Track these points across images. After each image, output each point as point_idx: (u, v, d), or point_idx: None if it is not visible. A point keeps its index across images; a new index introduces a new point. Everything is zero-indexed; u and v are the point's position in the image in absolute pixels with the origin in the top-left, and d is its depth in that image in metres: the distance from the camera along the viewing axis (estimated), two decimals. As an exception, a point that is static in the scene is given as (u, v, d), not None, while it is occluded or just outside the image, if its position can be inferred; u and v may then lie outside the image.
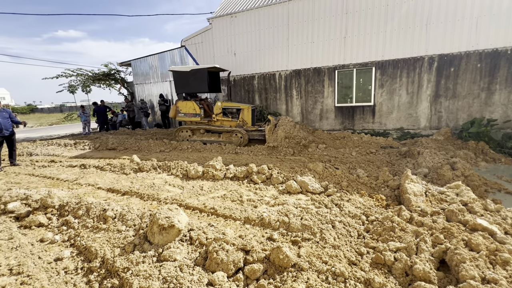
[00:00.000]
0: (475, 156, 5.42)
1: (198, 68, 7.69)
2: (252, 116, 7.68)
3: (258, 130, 7.52)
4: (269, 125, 6.80)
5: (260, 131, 7.46)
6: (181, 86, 8.11)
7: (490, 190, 3.78)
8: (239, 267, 2.13)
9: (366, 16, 7.81)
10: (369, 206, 3.25)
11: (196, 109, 7.87)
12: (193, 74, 7.76)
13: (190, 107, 7.95)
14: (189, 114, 8.00)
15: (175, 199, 3.69)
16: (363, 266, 2.09)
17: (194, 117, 7.96)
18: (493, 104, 6.86)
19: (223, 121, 7.92)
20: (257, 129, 7.54)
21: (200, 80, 7.75)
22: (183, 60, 11.44)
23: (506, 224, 2.49)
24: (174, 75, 8.17)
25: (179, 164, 5.10)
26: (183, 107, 8.03)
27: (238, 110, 7.86)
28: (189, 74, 7.82)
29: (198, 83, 7.79)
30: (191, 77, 7.82)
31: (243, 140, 7.37)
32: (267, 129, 6.77)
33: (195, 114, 7.92)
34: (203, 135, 7.97)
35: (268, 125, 6.89)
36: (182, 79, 8.00)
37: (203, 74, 7.69)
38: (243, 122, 7.65)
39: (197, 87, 7.90)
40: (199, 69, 7.68)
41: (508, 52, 6.51)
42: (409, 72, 7.60)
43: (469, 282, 1.67)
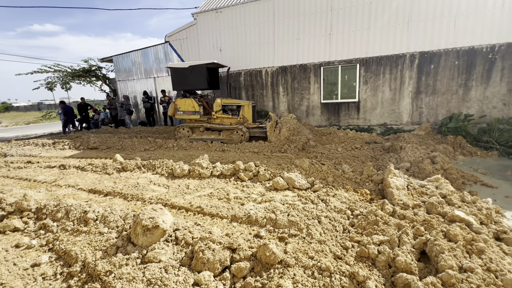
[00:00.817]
0: (454, 150, 5.65)
1: (197, 64, 7.49)
2: (252, 113, 7.57)
3: (259, 127, 7.41)
4: (271, 122, 6.70)
5: (261, 128, 7.36)
6: (179, 83, 7.88)
7: (467, 182, 3.95)
8: (225, 266, 2.12)
9: (351, 13, 7.91)
10: (354, 200, 3.32)
11: (195, 106, 7.67)
12: (192, 71, 7.56)
13: (189, 104, 7.73)
14: (188, 112, 7.78)
15: (160, 199, 3.61)
16: (348, 260, 2.13)
17: (193, 114, 7.75)
18: (470, 100, 7.17)
19: (223, 119, 7.75)
20: (258, 126, 7.43)
21: (198, 76, 7.55)
22: (167, 56, 11.17)
23: (481, 214, 2.61)
24: (172, 71, 7.93)
25: (164, 163, 4.99)
26: (182, 105, 7.81)
27: (238, 107, 7.72)
28: (187, 71, 7.61)
29: (197, 79, 7.60)
30: (190, 74, 7.61)
31: (244, 138, 7.25)
32: (268, 126, 6.67)
33: (194, 112, 7.71)
34: (203, 133, 7.79)
35: (269, 122, 6.80)
36: (180, 76, 7.77)
37: (202, 71, 7.49)
38: (244, 119, 7.51)
39: (195, 84, 7.70)
40: (197, 65, 7.48)
41: (484, 50, 6.80)
42: (392, 69, 7.80)
43: (448, 272, 1.74)
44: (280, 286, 1.79)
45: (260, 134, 7.23)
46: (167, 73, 11.41)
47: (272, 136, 6.56)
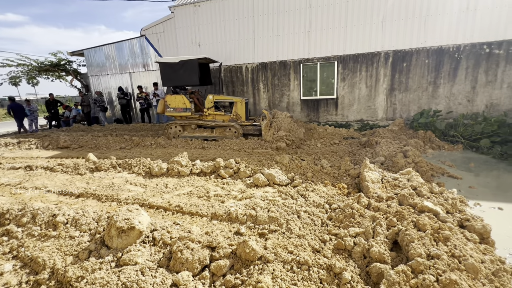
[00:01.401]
0: (424, 144, 5.98)
1: (188, 59, 7.21)
2: (245, 110, 7.44)
3: (252, 125, 7.30)
4: (266, 121, 6.59)
5: (254, 125, 7.25)
6: (169, 78, 7.55)
7: (436, 174, 4.20)
8: (205, 265, 2.09)
9: (328, 11, 8.04)
10: (332, 195, 3.41)
11: (186, 103, 7.40)
12: (182, 66, 7.26)
13: (179, 101, 7.44)
14: (179, 109, 7.49)
15: (137, 199, 3.49)
16: (325, 253, 2.19)
17: (184, 111, 7.47)
18: (438, 97, 7.60)
19: (215, 115, 7.54)
20: (252, 124, 7.32)
21: (190, 72, 7.26)
22: (143, 51, 10.74)
23: (447, 204, 2.79)
24: (161, 67, 7.57)
25: (142, 162, 4.82)
26: (172, 102, 7.50)
27: (230, 103, 7.54)
28: (177, 66, 7.29)
29: (188, 75, 7.30)
30: (180, 69, 7.31)
31: (238, 135, 7.12)
32: (263, 124, 6.56)
33: (185, 109, 7.44)
34: (194, 130, 7.56)
35: (264, 120, 6.70)
36: (170, 71, 7.44)
37: (193, 66, 7.21)
38: (237, 116, 7.36)
39: (186, 80, 7.41)
40: (188, 60, 7.20)
41: (450, 50, 7.22)
42: (367, 67, 8.06)
43: (417, 260, 1.84)
44: (260, 282, 1.80)
45: (254, 132, 7.14)
46: (144, 68, 10.99)
47: (267, 135, 6.47)
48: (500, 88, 7.06)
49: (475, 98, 7.30)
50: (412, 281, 1.73)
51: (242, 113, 7.33)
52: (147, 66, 10.92)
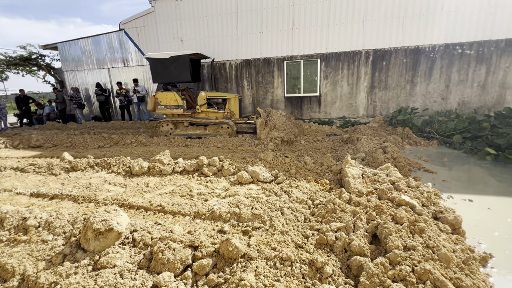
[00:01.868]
0: (402, 140, 6.21)
1: (179, 54, 6.97)
2: (239, 107, 7.32)
3: (247, 122, 7.18)
4: (260, 119, 6.49)
5: (249, 123, 7.15)
6: (159, 75, 7.28)
7: (412, 169, 4.39)
8: (187, 265, 2.05)
9: (311, 9, 8.12)
10: (314, 191, 3.46)
11: (178, 100, 7.16)
12: (173, 62, 7.02)
13: (171, 98, 7.19)
14: (170, 106, 7.24)
15: (116, 199, 3.36)
16: (308, 248, 2.22)
17: (176, 109, 7.23)
18: (415, 95, 7.93)
19: (208, 113, 7.36)
20: (246, 122, 7.20)
21: (181, 68, 7.02)
22: (122, 45, 10.34)
23: (423, 197, 2.92)
24: (151, 62, 7.30)
25: (121, 160, 4.65)
26: (163, 99, 7.24)
27: (223, 100, 7.39)
28: (168, 62, 7.04)
29: (179, 71, 7.07)
30: (171, 65, 7.06)
31: (232, 133, 6.99)
32: (258, 122, 6.47)
33: (177, 106, 7.20)
34: (187, 128, 7.35)
35: (258, 118, 6.58)
36: (160, 67, 7.17)
37: (184, 62, 6.98)
38: (231, 113, 7.21)
39: (178, 76, 7.17)
40: (180, 55, 6.97)
41: (426, 49, 7.54)
42: (349, 65, 8.24)
43: (394, 252, 1.91)
44: (243, 280, 1.79)
45: (248, 130, 7.05)
46: (123, 63, 10.58)
47: (262, 133, 6.39)
48: (471, 87, 7.47)
49: (448, 96, 7.69)
50: (389, 273, 1.80)
51: (236, 110, 7.21)
52: (126, 61, 10.52)
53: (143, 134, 7.69)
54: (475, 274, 1.89)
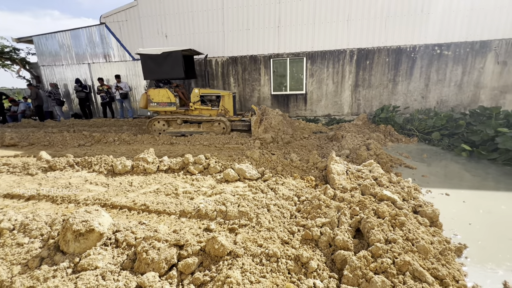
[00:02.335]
0: (384, 137, 6.41)
1: (171, 50, 6.79)
2: (233, 104, 7.21)
3: (241, 120, 7.09)
4: (255, 117, 6.40)
5: (243, 121, 7.06)
6: (151, 71, 7.07)
7: (394, 165, 4.54)
8: (172, 264, 2.03)
9: (297, 7, 8.16)
10: (300, 187, 3.51)
11: (170, 97, 6.99)
12: (165, 58, 6.82)
13: (163, 95, 7.01)
14: (163, 104, 7.07)
15: (98, 199, 3.26)
16: (294, 244, 2.24)
17: (169, 106, 7.08)
18: (397, 93, 8.19)
19: (202, 110, 7.23)
20: (240, 119, 7.10)
21: (173, 64, 6.82)
22: (103, 40, 9.96)
23: (403, 192, 3.03)
24: (142, 59, 7.07)
25: (103, 159, 4.50)
26: (155, 96, 7.04)
27: (217, 97, 7.26)
28: (160, 58, 6.83)
29: (172, 68, 6.87)
30: (164, 61, 6.86)
31: (226, 130, 6.90)
32: (253, 121, 6.39)
33: (170, 103, 7.04)
34: (180, 126, 7.19)
35: (253, 116, 6.49)
36: (152, 63, 6.97)
37: (177, 58, 6.79)
38: (225, 111, 7.12)
39: (170, 73, 6.96)
40: (172, 51, 6.78)
41: (408, 49, 7.79)
42: (334, 64, 8.37)
43: (376, 245, 1.97)
44: (229, 277, 1.79)
45: (243, 128, 6.98)
46: (105, 59, 10.21)
47: (256, 131, 6.33)
48: (448, 86, 7.81)
49: (428, 95, 8.00)
50: (372, 265, 1.86)
51: (230, 107, 7.14)
52: (108, 56, 10.16)
53: (126, 132, 7.46)
54: (450, 264, 1.99)
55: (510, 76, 7.42)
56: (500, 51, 7.30)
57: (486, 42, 7.32)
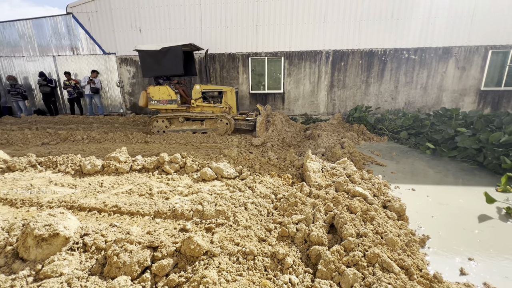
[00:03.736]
0: (358, 136, 6.69)
1: (171, 46, 6.52)
2: (236, 100, 7.02)
3: (245, 119, 6.91)
4: (261, 117, 6.27)
5: (247, 120, 6.89)
6: (150, 68, 6.77)
7: (366, 163, 4.76)
8: (146, 267, 1.96)
9: (275, 6, 8.23)
10: (277, 185, 3.55)
11: (171, 94, 6.69)
12: (165, 54, 6.55)
13: (164, 92, 6.69)
14: (164, 101, 6.76)
15: (64, 201, 3.05)
16: (270, 241, 2.27)
17: (170, 103, 6.78)
18: (369, 94, 8.58)
19: (204, 107, 6.99)
20: (244, 119, 6.93)
21: (173, 60, 6.57)
22: (71, 31, 9.31)
23: (374, 188, 3.19)
24: (141, 55, 6.72)
25: (70, 159, 4.22)
26: (156, 93, 6.71)
27: (219, 93, 7.05)
28: (160, 54, 6.55)
29: (171, 64, 6.62)
30: (163, 57, 6.58)
31: (230, 128, 6.70)
32: (258, 121, 6.23)
33: (171, 101, 6.75)
34: (182, 124, 6.91)
35: (258, 116, 6.39)
36: (150, 60, 6.67)
37: (177, 54, 6.53)
38: (229, 108, 6.93)
39: (169, 69, 6.71)
40: (172, 47, 6.52)
41: (379, 53, 8.19)
42: (311, 64, 8.57)
43: (348, 239, 2.06)
44: (205, 277, 1.77)
45: (247, 127, 6.87)
46: (72, 51, 9.55)
47: (261, 133, 6.23)
48: (415, 88, 8.34)
49: (397, 96, 8.48)
50: (344, 259, 1.93)
51: (233, 104, 6.99)
52: (76, 49, 9.52)
53: (96, 129, 7.07)
54: (415, 255, 2.13)
55: (468, 81, 8.10)
56: (459, 57, 7.93)
57: (448, 48, 7.91)
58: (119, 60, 9.35)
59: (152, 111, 9.48)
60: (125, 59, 9.32)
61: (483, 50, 7.81)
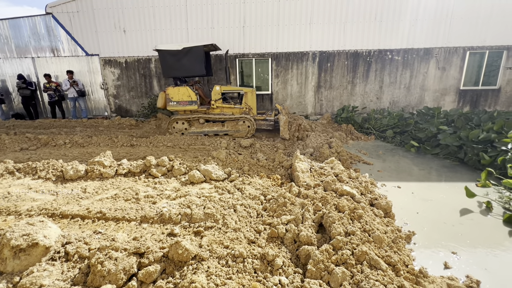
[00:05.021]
0: (346, 136, 6.80)
1: (192, 46, 6.40)
2: (256, 101, 6.93)
3: (265, 119, 6.81)
4: (285, 118, 6.26)
5: (267, 120, 6.80)
6: (170, 68, 6.62)
7: (353, 162, 4.84)
8: (132, 274, 1.90)
9: (262, 8, 8.25)
10: (267, 186, 3.55)
11: (191, 95, 6.56)
12: (186, 54, 6.42)
13: (184, 93, 6.55)
14: (183, 102, 6.62)
15: (45, 209, 2.92)
16: (260, 242, 2.26)
17: (190, 105, 6.63)
18: (356, 94, 8.75)
19: (224, 108, 6.85)
20: (264, 118, 6.82)
21: (195, 60, 6.45)
22: (51, 32, 8.98)
23: (361, 187, 3.24)
24: (161, 55, 6.55)
25: (51, 164, 4.05)
26: (175, 94, 6.55)
27: (239, 94, 6.97)
28: (181, 54, 6.42)
29: (193, 64, 6.49)
30: (184, 58, 6.45)
31: (251, 129, 6.60)
32: (283, 121, 6.19)
33: (191, 102, 6.61)
34: (203, 125, 6.76)
35: (279, 116, 6.40)
36: (172, 60, 6.52)
37: (199, 54, 6.42)
38: (248, 109, 6.82)
39: (191, 70, 6.57)
40: (193, 47, 6.40)
41: (364, 54, 8.37)
42: (298, 65, 8.65)
43: (337, 238, 2.08)
44: (193, 282, 1.74)
45: (267, 127, 6.79)
46: (52, 53, 9.21)
47: (285, 132, 6.18)
48: (399, 88, 8.57)
49: (382, 96, 8.68)
50: (333, 258, 1.95)
51: (253, 105, 6.90)
52: (57, 51, 9.18)
53: (80, 133, 6.84)
54: (401, 251, 2.17)
55: (448, 80, 8.41)
56: (440, 58, 8.23)
57: (429, 49, 8.18)
58: (103, 61, 9.10)
59: (139, 115, 9.28)
60: (109, 60, 9.08)
61: (462, 51, 8.13)
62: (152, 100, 9.02)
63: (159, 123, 8.23)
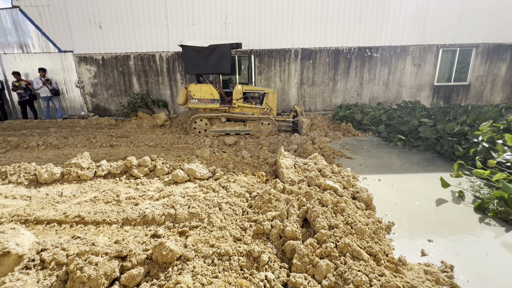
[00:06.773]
0: (343, 135, 6.83)
1: (219, 43, 6.23)
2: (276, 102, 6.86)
3: (285, 120, 6.81)
4: (307, 119, 6.38)
5: (287, 121, 6.80)
6: (195, 66, 6.42)
7: (336, 157, 4.95)
8: (114, 278, 1.84)
9: (243, 4, 8.18)
10: (252, 183, 3.55)
11: (214, 93, 6.38)
12: (212, 51, 6.23)
13: (206, 91, 6.36)
14: (205, 100, 6.44)
15: (17, 215, 2.75)
16: (246, 239, 2.26)
17: (212, 103, 6.46)
18: (337, 91, 8.94)
19: (244, 108, 6.72)
20: (285, 119, 6.82)
21: (221, 58, 6.30)
22: (18, 27, 8.41)
23: (344, 181, 3.33)
24: (185, 51, 6.28)
25: (23, 168, 3.82)
26: (197, 92, 6.35)
27: (260, 94, 6.88)
28: (206, 51, 6.21)
29: (218, 62, 6.33)
30: (210, 55, 6.27)
31: (273, 129, 6.52)
32: (306, 123, 6.27)
33: (213, 100, 6.44)
34: (224, 124, 6.61)
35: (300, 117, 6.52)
36: (196, 57, 6.29)
37: (225, 52, 6.26)
38: (269, 109, 6.74)
39: (216, 68, 6.43)
40: (220, 45, 6.23)
41: (344, 51, 8.55)
42: (281, 62, 8.68)
43: (321, 232, 2.12)
44: (179, 283, 1.71)
45: (287, 128, 6.82)
46: (21, 49, 8.63)
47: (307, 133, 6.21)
48: (378, 84, 8.85)
49: (362, 92, 8.93)
50: (317, 251, 1.99)
51: (274, 106, 6.86)
52: (26, 47, 8.62)
53: (54, 134, 6.49)
54: (382, 241, 2.26)
55: (423, 77, 8.80)
56: (415, 55, 8.58)
57: (405, 47, 8.50)
58: (78, 58, 8.66)
59: (118, 114, 8.94)
60: (84, 57, 8.66)
61: (435, 48, 8.52)
62: (132, 99, 8.72)
63: (140, 122, 8.00)
